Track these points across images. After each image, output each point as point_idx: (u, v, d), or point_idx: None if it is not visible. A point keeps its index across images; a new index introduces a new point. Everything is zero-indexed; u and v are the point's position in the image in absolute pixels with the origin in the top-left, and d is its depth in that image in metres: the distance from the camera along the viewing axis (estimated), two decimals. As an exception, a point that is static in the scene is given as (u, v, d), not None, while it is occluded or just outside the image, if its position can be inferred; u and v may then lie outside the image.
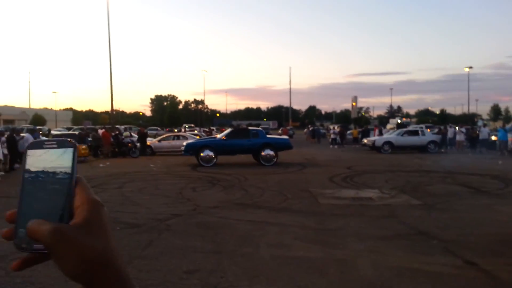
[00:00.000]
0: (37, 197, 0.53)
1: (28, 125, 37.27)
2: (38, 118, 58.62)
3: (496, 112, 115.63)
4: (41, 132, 21.05)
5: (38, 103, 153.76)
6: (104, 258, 0.50)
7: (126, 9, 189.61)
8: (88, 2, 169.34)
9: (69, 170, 0.54)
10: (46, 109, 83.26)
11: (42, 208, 0.53)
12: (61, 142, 0.56)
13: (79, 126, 41.38)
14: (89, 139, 22.83)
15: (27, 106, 74.27)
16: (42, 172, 0.54)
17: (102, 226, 0.52)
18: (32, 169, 0.54)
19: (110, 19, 28.07)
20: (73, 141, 0.56)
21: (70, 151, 0.55)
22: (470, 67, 60.60)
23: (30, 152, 0.56)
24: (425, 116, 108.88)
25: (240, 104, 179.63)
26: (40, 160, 0.55)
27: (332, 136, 34.30)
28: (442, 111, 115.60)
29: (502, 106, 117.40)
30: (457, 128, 28.31)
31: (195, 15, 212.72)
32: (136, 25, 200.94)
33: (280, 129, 56.71)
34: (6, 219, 0.53)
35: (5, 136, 15.91)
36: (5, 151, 15.25)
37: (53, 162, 0.54)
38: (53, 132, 30.76)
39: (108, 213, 0.54)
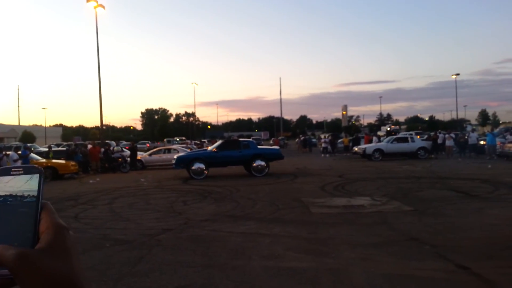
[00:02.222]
0: (3, 221, 0.54)
1: (17, 143, 36.85)
2: (27, 135, 58.00)
3: (484, 117, 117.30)
4: (33, 149, 20.79)
5: (27, 120, 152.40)
6: (68, 281, 0.50)
7: (115, 23, 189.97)
8: (77, 18, 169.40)
9: (35, 194, 0.55)
10: (35, 125, 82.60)
11: (9, 232, 0.53)
12: (27, 168, 0.57)
13: (69, 143, 41.01)
14: (79, 155, 22.63)
15: (17, 123, 73.48)
16: (10, 196, 0.55)
17: (66, 250, 0.53)
18: (0, 193, 0.56)
19: (99, 34, 28.09)
20: (40, 167, 0.57)
21: (36, 176, 0.56)
22: (457, 74, 61.70)
23: None
24: (414, 123, 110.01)
25: (231, 116, 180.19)
26: (8, 186, 0.56)
27: (323, 145, 34.44)
28: (431, 118, 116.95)
29: (490, 111, 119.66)
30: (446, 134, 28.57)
31: (184, 28, 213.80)
32: (125, 38, 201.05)
33: (272, 140, 56.84)
34: None
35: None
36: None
37: (21, 187, 0.56)
38: (41, 149, 30.40)
39: (73, 236, 0.55)
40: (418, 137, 31.88)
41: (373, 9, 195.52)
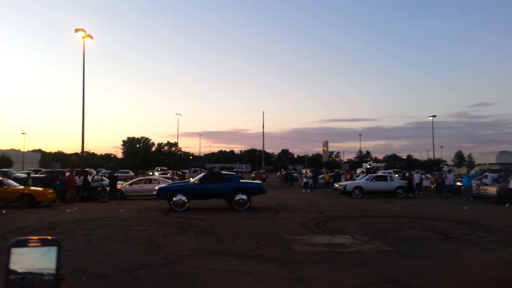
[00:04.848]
0: None
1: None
2: (4, 160, 56.55)
3: (460, 158, 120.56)
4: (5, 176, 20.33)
5: (5, 144, 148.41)
6: None
7: (99, 50, 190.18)
8: (62, 45, 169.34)
9: (53, 271, 0.57)
10: (13, 150, 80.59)
11: None
12: (45, 241, 0.59)
13: (47, 169, 40.12)
14: (57, 182, 22.15)
15: (-7, 147, 71.61)
16: (28, 273, 0.56)
17: None
18: (18, 269, 0.56)
19: (84, 60, 28.21)
20: (57, 239, 0.59)
21: (54, 249, 0.59)
22: (434, 116, 63.70)
23: (14, 251, 0.58)
24: (393, 161, 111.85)
25: (213, 147, 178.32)
26: (25, 259, 0.57)
27: (304, 180, 34.62)
28: (409, 157, 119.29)
29: (465, 153, 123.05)
30: (423, 175, 29.17)
31: (169, 58, 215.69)
32: (109, 68, 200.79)
33: (254, 173, 56.82)
34: None
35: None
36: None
37: (38, 261, 0.57)
38: (18, 174, 29.66)
39: None
40: (397, 175, 32.48)
41: (354, 48, 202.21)
